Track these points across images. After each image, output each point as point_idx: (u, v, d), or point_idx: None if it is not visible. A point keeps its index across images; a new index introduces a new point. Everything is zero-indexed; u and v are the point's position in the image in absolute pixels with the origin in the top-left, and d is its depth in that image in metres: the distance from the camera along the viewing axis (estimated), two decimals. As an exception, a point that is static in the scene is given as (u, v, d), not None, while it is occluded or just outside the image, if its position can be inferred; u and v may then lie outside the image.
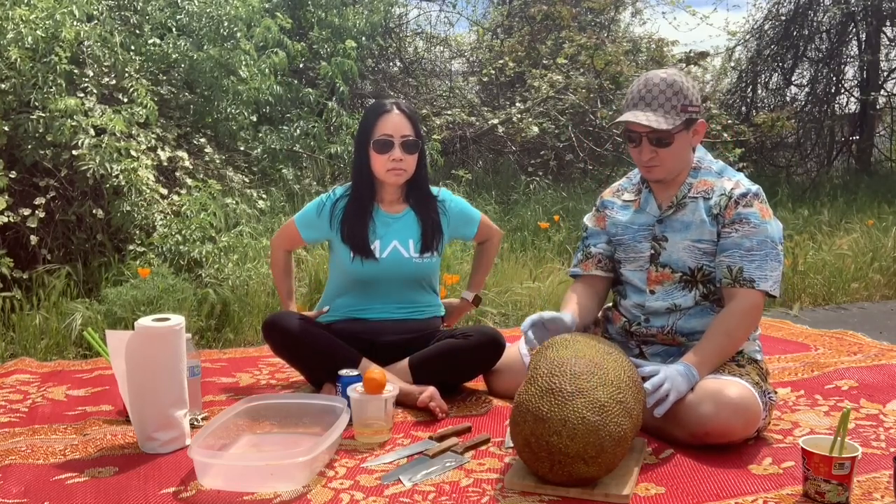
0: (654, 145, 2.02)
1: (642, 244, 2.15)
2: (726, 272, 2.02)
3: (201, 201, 3.74)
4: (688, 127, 2.04)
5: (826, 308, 3.91)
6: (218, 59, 4.48)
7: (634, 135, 2.05)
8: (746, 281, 1.99)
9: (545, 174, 6.44)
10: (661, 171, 2.08)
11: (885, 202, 6.50)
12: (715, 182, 2.09)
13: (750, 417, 1.88)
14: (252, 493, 1.69)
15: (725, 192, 2.06)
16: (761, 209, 2.04)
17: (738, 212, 2.02)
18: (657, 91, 2.01)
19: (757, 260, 2.00)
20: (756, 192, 2.05)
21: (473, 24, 8.28)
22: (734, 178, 2.10)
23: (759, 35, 9.04)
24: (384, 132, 2.32)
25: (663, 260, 2.12)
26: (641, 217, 2.17)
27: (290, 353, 2.33)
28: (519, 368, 2.28)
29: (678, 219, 2.10)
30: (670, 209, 2.12)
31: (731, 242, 2.02)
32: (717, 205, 2.05)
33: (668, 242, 2.11)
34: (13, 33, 3.59)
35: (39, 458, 1.90)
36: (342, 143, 5.22)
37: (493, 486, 1.72)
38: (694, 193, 2.10)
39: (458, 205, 2.53)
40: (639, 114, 2.00)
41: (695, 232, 2.08)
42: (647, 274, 2.14)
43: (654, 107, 2.00)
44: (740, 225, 2.02)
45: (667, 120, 1.99)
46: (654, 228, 2.13)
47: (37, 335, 3.02)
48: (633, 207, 2.20)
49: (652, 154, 2.04)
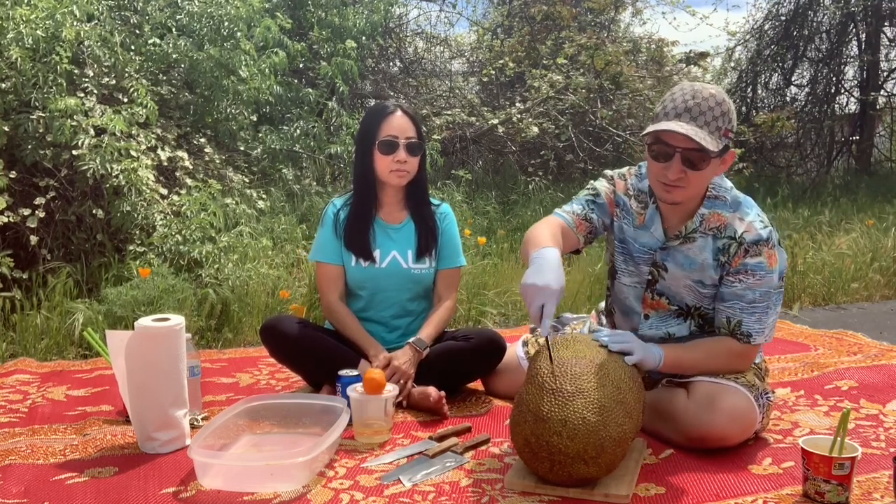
0: (685, 165, 1.81)
1: (641, 266, 2.04)
2: (724, 322, 1.95)
3: (201, 201, 3.74)
4: (721, 153, 1.85)
5: (826, 308, 3.91)
6: (218, 59, 4.48)
7: (668, 148, 1.82)
8: (744, 335, 1.93)
9: (545, 174, 6.44)
10: (682, 195, 1.88)
11: (885, 202, 6.50)
12: (728, 219, 1.93)
13: (746, 423, 1.88)
14: (252, 493, 1.69)
15: (736, 235, 1.90)
16: (769, 256, 1.90)
17: (745, 262, 1.89)
18: (706, 106, 1.80)
19: (757, 313, 1.91)
20: (767, 239, 1.89)
21: (473, 24, 8.28)
22: (747, 216, 1.93)
23: (759, 35, 9.05)
24: (389, 133, 2.32)
25: (660, 288, 2.02)
26: (644, 236, 2.02)
27: (289, 357, 2.33)
28: (517, 370, 2.28)
29: (683, 251, 1.97)
30: (677, 239, 1.97)
31: (733, 293, 1.92)
32: (726, 250, 1.91)
33: (668, 273, 1.99)
34: (14, 33, 3.59)
35: (39, 458, 1.90)
36: (342, 143, 5.22)
37: (493, 486, 1.72)
38: (705, 229, 1.94)
39: (453, 228, 2.49)
40: (686, 126, 1.78)
41: (697, 272, 1.96)
42: (642, 295, 2.06)
43: (700, 123, 1.79)
44: (745, 276, 1.90)
45: (712, 141, 1.79)
46: (656, 254, 2.00)
47: (37, 335, 3.02)
48: (637, 222, 2.04)
49: (681, 174, 1.82)
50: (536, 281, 1.68)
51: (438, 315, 2.39)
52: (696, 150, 1.79)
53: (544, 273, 1.69)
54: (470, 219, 4.94)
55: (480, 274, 3.86)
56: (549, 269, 1.70)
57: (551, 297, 1.67)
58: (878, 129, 9.59)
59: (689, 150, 1.80)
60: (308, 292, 3.47)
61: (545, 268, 1.71)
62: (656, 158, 1.86)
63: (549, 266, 1.71)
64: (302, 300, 3.43)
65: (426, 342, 2.29)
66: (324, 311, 2.43)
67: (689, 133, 1.76)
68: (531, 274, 1.71)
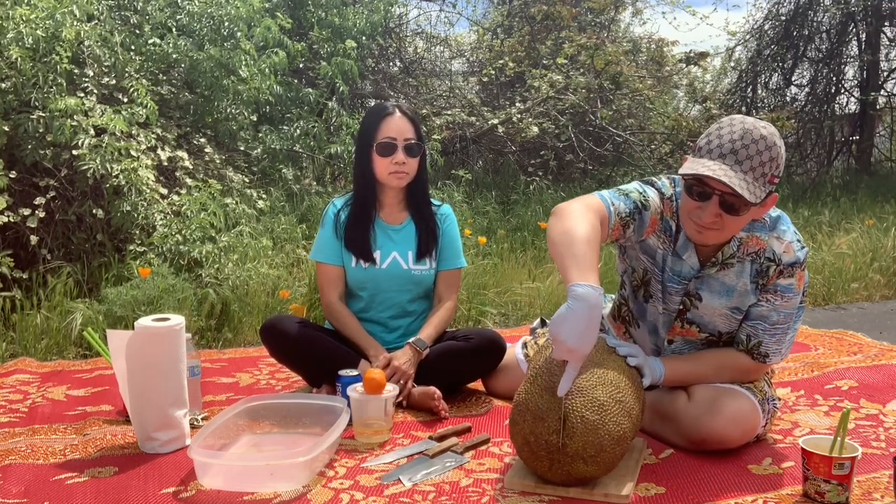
0: (723, 209, 1.72)
1: (673, 297, 1.93)
2: (743, 339, 1.91)
3: (201, 201, 3.74)
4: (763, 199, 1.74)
5: (826, 308, 3.91)
6: (218, 59, 4.48)
7: (706, 189, 1.72)
8: (761, 355, 1.90)
9: (545, 174, 6.44)
10: (714, 237, 1.80)
11: (885, 202, 6.50)
12: (767, 241, 1.85)
13: (748, 427, 1.88)
14: (252, 493, 1.69)
15: (775, 257, 1.84)
16: (799, 278, 1.86)
17: (777, 283, 1.85)
18: (754, 150, 1.68)
19: (778, 334, 1.89)
20: (802, 262, 1.85)
21: (473, 24, 8.28)
22: (785, 234, 1.85)
23: (759, 35, 9.05)
24: (387, 135, 2.32)
25: (691, 317, 1.94)
26: (678, 264, 1.90)
27: (289, 357, 2.33)
28: (516, 371, 2.28)
29: (719, 279, 1.88)
30: (713, 266, 1.88)
31: (759, 314, 1.88)
32: (765, 273, 1.85)
33: (702, 303, 1.90)
34: (14, 33, 3.59)
35: (39, 458, 1.90)
36: (342, 143, 5.22)
37: (493, 486, 1.72)
38: (742, 254, 1.86)
39: (453, 229, 2.48)
40: (729, 171, 1.67)
41: (735, 299, 1.88)
42: (671, 324, 1.98)
43: (746, 168, 1.68)
44: (774, 296, 1.86)
45: (755, 189, 1.68)
46: (690, 284, 1.90)
47: (37, 335, 3.02)
48: (669, 248, 1.91)
49: (716, 218, 1.73)
50: (569, 340, 1.50)
51: (439, 316, 2.39)
52: (736, 196, 1.68)
53: (581, 331, 1.50)
54: (470, 219, 4.94)
55: (480, 274, 3.86)
56: (587, 328, 1.50)
57: (577, 360, 1.55)
58: (878, 129, 9.58)
59: (729, 194, 1.69)
60: (308, 292, 3.47)
61: (582, 323, 1.50)
62: (691, 195, 1.75)
63: (587, 323, 1.50)
64: (302, 300, 3.43)
65: (426, 342, 2.29)
66: (324, 312, 2.43)
67: (731, 183, 1.64)
68: (564, 323, 1.51)
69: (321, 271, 2.42)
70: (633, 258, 2.01)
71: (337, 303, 2.39)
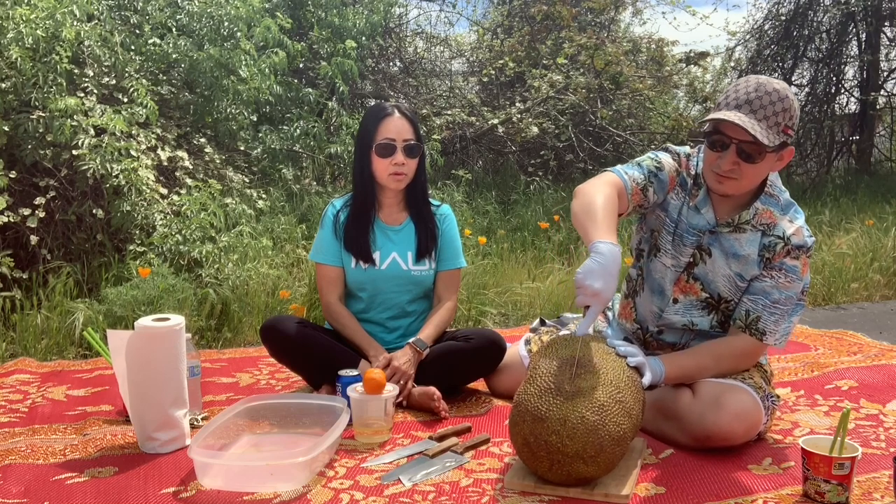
0: (740, 157, 1.83)
1: (686, 248, 2.01)
2: (742, 315, 1.96)
3: (201, 201, 3.74)
4: (779, 149, 1.86)
5: (826, 308, 3.91)
6: (218, 58, 4.48)
7: (724, 138, 1.84)
8: (758, 332, 1.94)
9: (545, 174, 6.44)
10: (733, 187, 1.90)
11: (885, 202, 6.50)
12: (778, 218, 1.96)
13: (751, 423, 1.88)
14: (252, 493, 1.69)
15: (783, 235, 1.94)
16: (804, 264, 1.95)
17: (784, 261, 1.93)
18: (768, 101, 1.80)
19: (777, 314, 1.94)
20: (809, 247, 1.94)
21: (473, 24, 8.28)
22: (796, 220, 1.96)
23: (759, 35, 9.05)
24: (386, 136, 2.31)
25: (697, 273, 2.01)
26: (695, 217, 2.00)
27: (289, 357, 2.33)
28: (519, 368, 2.28)
29: (731, 240, 1.97)
30: (727, 226, 1.97)
31: (761, 289, 1.94)
32: (772, 248, 1.94)
33: (711, 259, 1.99)
34: (14, 33, 3.59)
35: (39, 458, 1.90)
36: (342, 143, 5.22)
37: (493, 486, 1.72)
38: (756, 223, 1.95)
39: (453, 230, 2.48)
40: (743, 118, 1.79)
41: (740, 265, 1.97)
42: (677, 278, 2.04)
43: (760, 116, 1.80)
44: (778, 274, 1.93)
45: (769, 135, 1.79)
46: (704, 237, 1.99)
47: (37, 335, 3.02)
48: (690, 203, 2.01)
49: (734, 166, 1.84)
50: (594, 283, 1.63)
51: (439, 316, 2.39)
52: (752, 143, 1.80)
53: (605, 277, 1.64)
54: (470, 219, 4.94)
55: (480, 274, 3.86)
56: (609, 276, 1.64)
57: (600, 303, 1.67)
58: (878, 129, 9.59)
59: (746, 142, 1.81)
60: (308, 292, 3.47)
61: (606, 272, 1.64)
62: (712, 147, 1.88)
63: (610, 272, 1.65)
64: (302, 300, 3.44)
65: (426, 342, 2.29)
66: (323, 313, 2.43)
67: (745, 125, 1.76)
68: (591, 273, 1.64)
69: (321, 272, 2.42)
70: (652, 220, 2.10)
71: (336, 303, 2.39)
